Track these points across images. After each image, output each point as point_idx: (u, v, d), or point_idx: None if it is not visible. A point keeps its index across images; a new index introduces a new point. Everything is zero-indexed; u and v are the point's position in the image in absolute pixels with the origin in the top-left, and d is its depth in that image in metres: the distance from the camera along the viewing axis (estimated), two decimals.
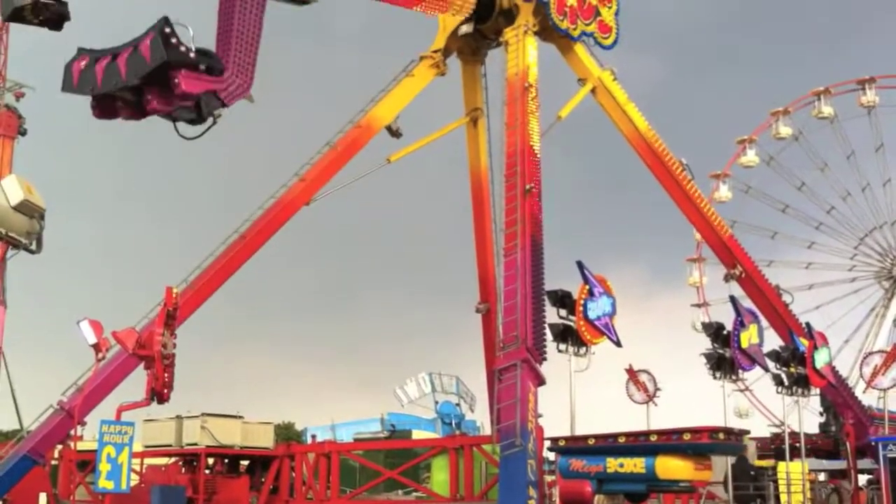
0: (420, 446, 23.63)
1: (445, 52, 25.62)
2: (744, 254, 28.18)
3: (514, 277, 20.67)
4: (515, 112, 23.12)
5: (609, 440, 18.55)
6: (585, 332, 20.92)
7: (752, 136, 63.66)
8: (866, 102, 63.37)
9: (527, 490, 17.79)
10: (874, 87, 63.56)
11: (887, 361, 28.67)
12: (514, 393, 18.75)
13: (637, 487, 18.20)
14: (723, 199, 62.61)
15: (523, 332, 19.66)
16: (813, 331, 27.17)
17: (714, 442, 17.78)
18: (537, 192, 22.25)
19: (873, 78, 64.07)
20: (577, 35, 25.79)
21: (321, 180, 23.57)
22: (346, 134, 24.11)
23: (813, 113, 63.35)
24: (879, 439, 26.38)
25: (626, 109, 26.51)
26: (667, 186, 27.29)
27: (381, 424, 44.97)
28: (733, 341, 23.81)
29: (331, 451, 22.81)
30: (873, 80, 63.91)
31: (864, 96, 63.37)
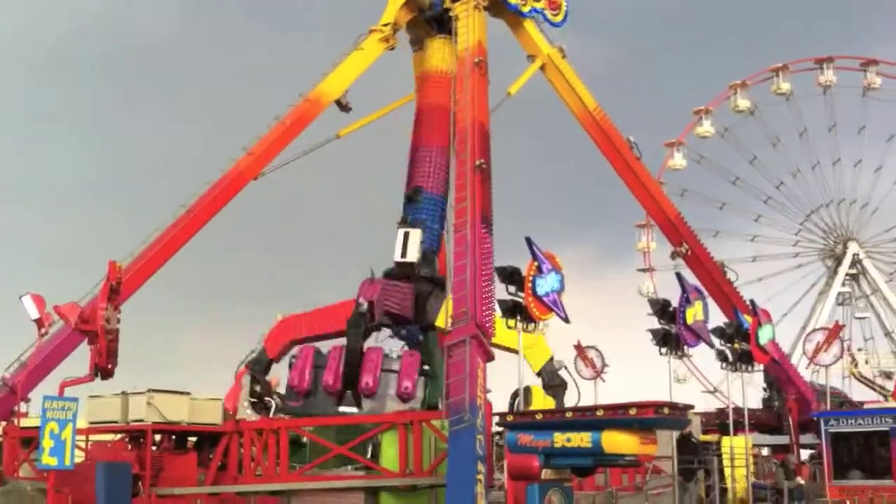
0: (370, 422, 23.59)
1: (395, 25, 25.44)
2: (690, 232, 28.55)
3: (464, 253, 20.70)
4: (465, 88, 23.06)
5: (556, 415, 18.72)
6: (534, 308, 21.03)
7: (709, 107, 64.42)
8: (823, 82, 64.36)
9: (475, 465, 17.90)
10: (832, 67, 64.59)
11: (829, 338, 29.36)
12: (464, 368, 18.82)
13: (584, 462, 18.36)
14: (677, 167, 63.42)
15: (472, 309, 19.71)
16: (757, 308, 27.64)
17: (659, 417, 17.97)
18: (487, 169, 22.25)
19: (831, 58, 65.09)
20: (526, 11, 25.82)
21: (269, 155, 23.37)
22: (295, 108, 23.91)
23: (771, 89, 64.25)
24: (821, 414, 27.02)
25: (574, 87, 26.64)
26: (615, 164, 27.52)
27: None
28: (679, 318, 24.12)
29: (280, 428, 22.69)
30: (831, 59, 64.94)
31: (821, 76, 64.35)
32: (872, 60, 65.38)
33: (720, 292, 28.15)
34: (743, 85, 64.64)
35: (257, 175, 23.18)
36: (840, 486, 25.25)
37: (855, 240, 66.36)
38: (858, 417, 26.58)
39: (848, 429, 26.02)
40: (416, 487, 20.67)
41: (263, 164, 23.33)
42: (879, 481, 24.89)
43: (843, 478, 25.54)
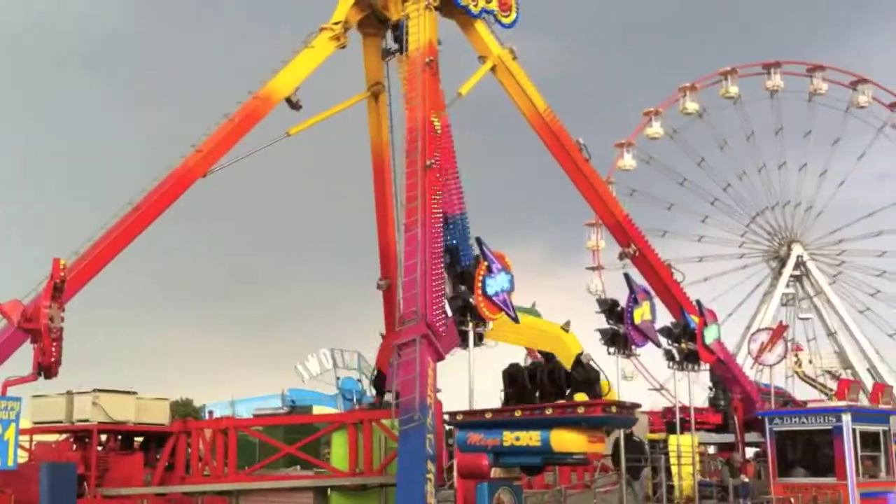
0: (319, 421, 23.52)
1: (346, 23, 25.35)
2: (638, 233, 28.86)
3: (414, 253, 20.71)
4: (416, 87, 23.07)
5: (506, 414, 18.82)
6: (484, 307, 21.12)
7: (659, 109, 65.20)
8: (771, 86, 65.46)
9: (425, 464, 17.93)
10: (779, 72, 65.72)
11: (773, 339, 29.87)
12: (414, 368, 18.84)
13: (532, 460, 18.53)
14: (626, 168, 64.11)
15: (423, 308, 19.73)
16: (703, 308, 28.06)
17: (607, 415, 18.19)
18: (437, 168, 22.28)
19: (779, 63, 66.25)
20: (477, 12, 25.89)
21: (218, 152, 23.08)
22: (245, 105, 23.65)
23: (720, 92, 65.21)
24: (766, 413, 27.49)
25: (524, 88, 26.76)
26: (564, 165, 27.71)
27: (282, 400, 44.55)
28: (627, 318, 24.38)
29: (228, 427, 22.53)
30: (779, 64, 66.09)
31: (769, 80, 65.45)
32: (819, 66, 66.66)
33: (667, 293, 28.48)
34: (692, 88, 65.53)
35: (206, 173, 22.90)
36: (784, 484, 25.72)
37: (799, 242, 67.63)
38: (802, 416, 27.08)
39: (792, 427, 26.52)
40: (366, 487, 20.66)
41: (212, 161, 23.03)
42: (822, 479, 25.39)
43: (787, 475, 26.02)
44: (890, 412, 29.73)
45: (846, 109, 66.78)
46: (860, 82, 66.56)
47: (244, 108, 23.61)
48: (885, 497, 26.37)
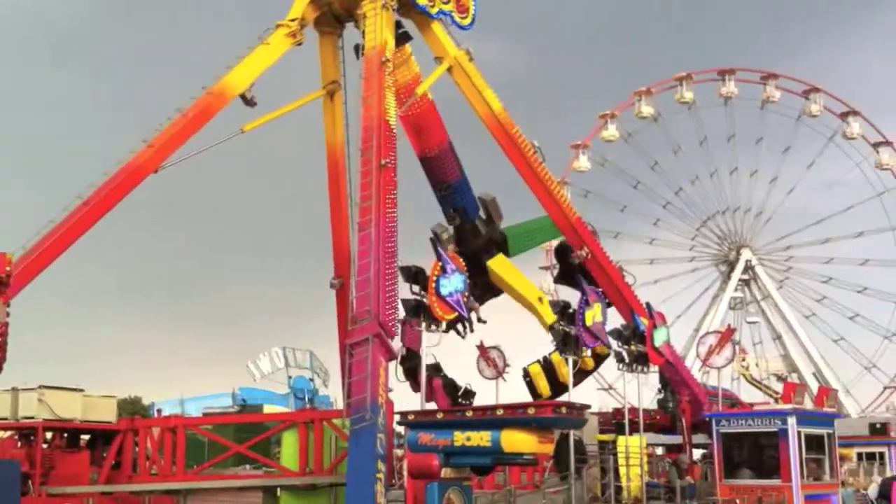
0: (269, 420, 23.38)
1: (303, 20, 25.22)
2: (590, 236, 29.08)
3: (368, 252, 20.66)
4: (372, 86, 23.03)
5: (457, 414, 18.87)
6: (437, 308, 21.17)
7: (615, 112, 65.87)
8: (725, 93, 66.49)
9: (375, 464, 17.90)
10: (734, 78, 66.75)
11: (721, 342, 30.26)
12: (366, 367, 18.80)
13: (483, 460, 18.59)
14: (581, 169, 64.74)
15: (376, 307, 19.70)
16: (653, 310, 28.38)
17: (557, 416, 18.31)
18: (392, 168, 22.26)
19: (733, 70, 67.38)
20: (434, 13, 25.89)
21: (170, 147, 22.80)
22: (198, 101, 23.38)
23: (675, 97, 66.22)
24: (713, 415, 27.87)
25: (481, 90, 26.84)
26: (519, 167, 27.82)
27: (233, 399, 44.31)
28: (578, 319, 24.59)
29: (177, 426, 22.29)
30: (733, 71, 67.21)
31: (723, 87, 66.46)
32: (772, 74, 67.87)
33: (618, 295, 28.74)
34: (648, 92, 66.39)
35: (157, 168, 22.63)
36: (730, 486, 26.10)
37: (748, 247, 68.83)
38: (748, 418, 27.51)
39: (738, 429, 26.94)
40: (316, 486, 20.56)
41: (164, 156, 22.74)
42: (768, 481, 25.82)
43: (733, 477, 26.41)
44: (834, 415, 30.34)
45: (798, 118, 68.17)
46: (812, 91, 67.90)
47: (197, 103, 23.36)
48: (828, 499, 26.91)
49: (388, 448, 19.12)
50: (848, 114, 67.78)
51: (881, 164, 67.75)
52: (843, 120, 67.98)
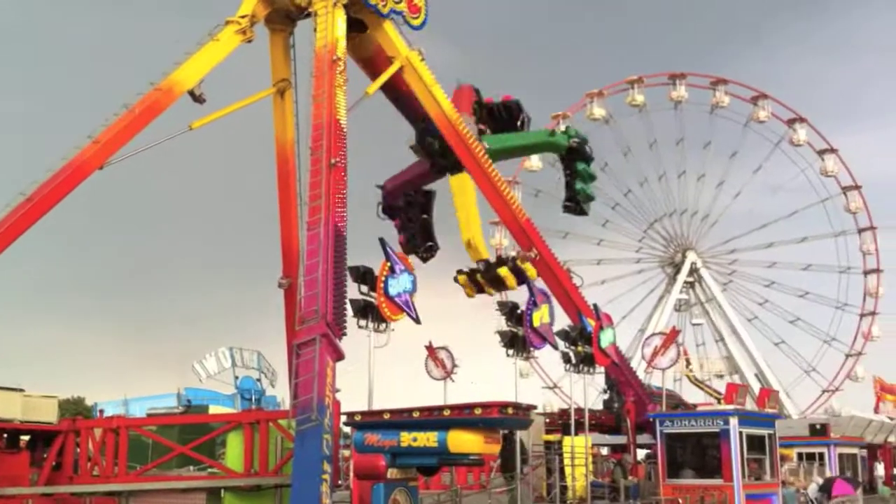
0: (214, 421, 23.15)
1: (253, 17, 25.02)
2: (539, 237, 29.28)
3: (317, 252, 20.56)
4: (322, 85, 22.93)
5: (404, 415, 18.84)
6: (386, 308, 21.17)
7: (567, 113, 66.34)
8: (675, 97, 67.31)
9: (321, 465, 17.82)
10: (684, 83, 67.58)
11: (666, 343, 30.67)
12: (312, 367, 18.70)
13: (429, 461, 18.58)
14: (533, 168, 65.05)
15: (323, 307, 19.61)
16: (600, 312, 28.67)
17: (503, 416, 18.38)
18: (342, 167, 22.20)
19: (684, 74, 68.20)
20: (386, 12, 25.87)
21: (116, 143, 22.46)
22: (146, 96, 23.08)
23: (626, 100, 66.83)
24: (657, 416, 28.22)
25: (432, 90, 26.90)
26: (469, 168, 27.95)
27: (178, 400, 43.81)
28: (526, 320, 24.75)
29: (119, 427, 21.95)
30: (684, 76, 68.06)
31: (674, 91, 67.27)
32: (722, 80, 68.84)
33: (566, 296, 28.99)
34: (600, 94, 67.01)
35: (103, 164, 22.28)
36: (673, 485, 26.43)
37: (693, 249, 69.70)
38: (691, 419, 27.91)
39: (681, 430, 27.30)
40: (261, 487, 20.40)
41: (109, 153, 22.41)
42: (710, 480, 26.19)
43: (675, 477, 26.76)
44: (775, 416, 30.94)
45: (746, 123, 69.21)
46: (761, 98, 69.00)
47: (145, 99, 23.06)
48: (769, 499, 27.37)
49: (335, 449, 19.04)
50: (795, 120, 68.98)
51: (826, 171, 69.05)
52: (790, 126, 69.18)
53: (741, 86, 69.35)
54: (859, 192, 69.01)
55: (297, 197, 26.47)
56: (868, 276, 69.24)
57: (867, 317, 68.95)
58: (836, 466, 37.54)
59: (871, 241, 69.00)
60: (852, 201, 69.09)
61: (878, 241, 68.95)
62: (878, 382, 64.59)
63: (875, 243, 68.90)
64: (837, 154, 69.33)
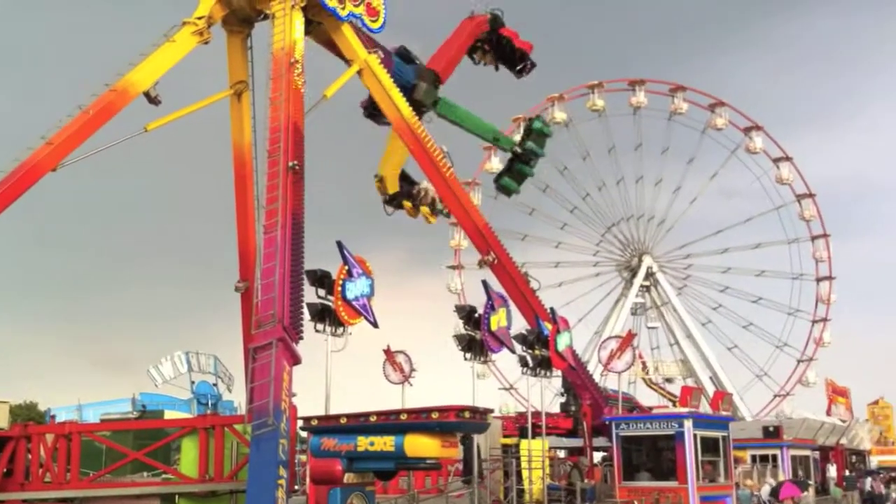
0: (169, 426, 22.88)
1: (210, 19, 24.82)
2: (497, 241, 29.38)
3: (274, 255, 20.45)
4: (280, 87, 22.81)
5: (361, 419, 18.81)
6: (343, 312, 21.11)
7: (527, 116, 66.58)
8: (635, 103, 67.91)
9: (277, 470, 17.71)
10: (643, 89, 68.21)
11: (622, 346, 30.90)
12: (269, 372, 18.59)
13: (386, 465, 18.58)
14: (493, 170, 65.27)
15: (280, 311, 19.50)
16: (556, 315, 28.82)
17: (460, 420, 18.43)
18: (300, 170, 22.10)
19: (643, 80, 68.80)
20: (344, 15, 25.79)
21: (70, 145, 22.18)
22: (100, 98, 22.82)
23: (587, 104, 67.17)
24: (613, 419, 28.44)
25: (390, 94, 26.88)
26: (427, 172, 27.98)
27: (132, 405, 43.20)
28: (483, 324, 24.81)
29: (72, 432, 21.63)
30: (643, 82, 68.61)
31: (633, 97, 67.87)
32: (680, 87, 69.58)
33: (523, 300, 29.12)
34: (560, 98, 67.36)
35: (56, 166, 21.98)
36: (629, 487, 26.65)
37: (649, 254, 70.33)
38: (647, 422, 28.18)
39: (637, 432, 27.54)
40: (216, 493, 20.22)
41: (63, 154, 22.12)
42: (665, 483, 26.45)
43: (631, 479, 26.98)
44: (729, 419, 31.29)
45: (703, 130, 69.99)
46: (718, 105, 69.88)
47: (100, 100, 22.80)
48: (723, 500, 27.71)
49: (291, 454, 18.94)
50: (751, 129, 69.93)
51: (781, 179, 70.06)
52: (747, 134, 70.10)
53: (699, 93, 70.24)
54: (813, 201, 70.11)
55: (254, 200, 26.28)
56: (820, 283, 70.29)
57: (819, 323, 69.98)
58: (788, 468, 38.10)
59: (823, 248, 70.10)
60: (806, 209, 70.15)
61: (830, 249, 70.03)
62: (830, 385, 65.68)
63: (828, 251, 70.00)
64: (792, 162, 70.42)
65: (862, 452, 54.20)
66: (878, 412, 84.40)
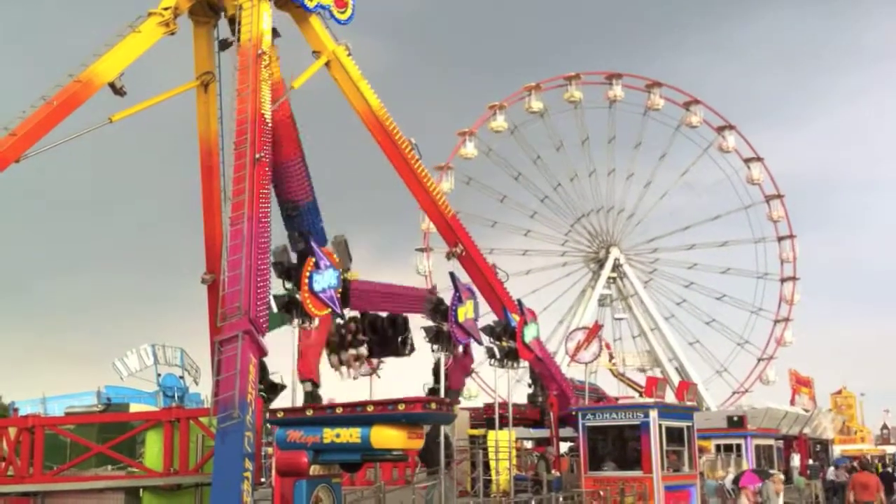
0: (134, 419, 22.72)
1: (177, 10, 24.66)
2: (465, 233, 29.49)
3: (240, 247, 20.38)
4: (247, 79, 22.71)
5: (327, 411, 18.80)
6: (310, 304, 21.07)
7: (504, 103, 66.88)
8: (612, 96, 68.39)
9: (242, 462, 17.68)
10: (621, 83, 68.58)
11: (589, 337, 31.18)
12: (235, 364, 18.55)
13: (352, 457, 18.53)
14: (468, 156, 66.68)
15: (246, 303, 19.45)
16: (524, 307, 28.99)
17: (427, 412, 18.46)
18: (267, 162, 22.03)
19: (621, 74, 69.12)
20: (312, 6, 25.74)
21: (34, 136, 21.99)
22: (64, 88, 22.64)
23: (564, 95, 67.55)
24: (579, 409, 28.66)
25: (359, 86, 26.85)
26: (396, 165, 27.98)
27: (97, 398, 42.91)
28: (451, 316, 24.89)
29: (34, 426, 21.43)
30: (620, 76, 68.96)
31: (610, 90, 68.37)
32: (657, 83, 70.03)
33: (491, 291, 29.26)
34: (538, 87, 67.61)
35: (19, 157, 21.77)
36: (594, 477, 26.85)
37: (617, 246, 70.80)
38: (613, 412, 28.40)
39: (603, 423, 27.76)
40: (181, 486, 20.15)
41: (27, 145, 21.95)
42: (630, 472, 26.68)
43: (597, 469, 27.19)
44: (694, 409, 31.65)
45: (677, 127, 70.54)
46: (693, 103, 70.45)
47: (64, 91, 22.62)
48: (687, 490, 28.03)
49: (257, 446, 18.91)
50: (724, 128, 70.54)
51: (752, 179, 70.78)
52: (720, 133, 70.70)
53: (676, 90, 70.66)
54: (781, 202, 70.89)
55: (220, 192, 26.21)
56: (784, 284, 71.12)
57: (781, 323, 70.80)
58: (752, 458, 38.62)
59: (790, 249, 70.94)
60: (775, 210, 70.96)
61: (796, 250, 70.83)
62: (794, 375, 66.60)
63: (794, 252, 70.79)
64: (763, 163, 71.12)
65: (825, 442, 55.06)
66: (842, 402, 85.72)
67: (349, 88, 27.09)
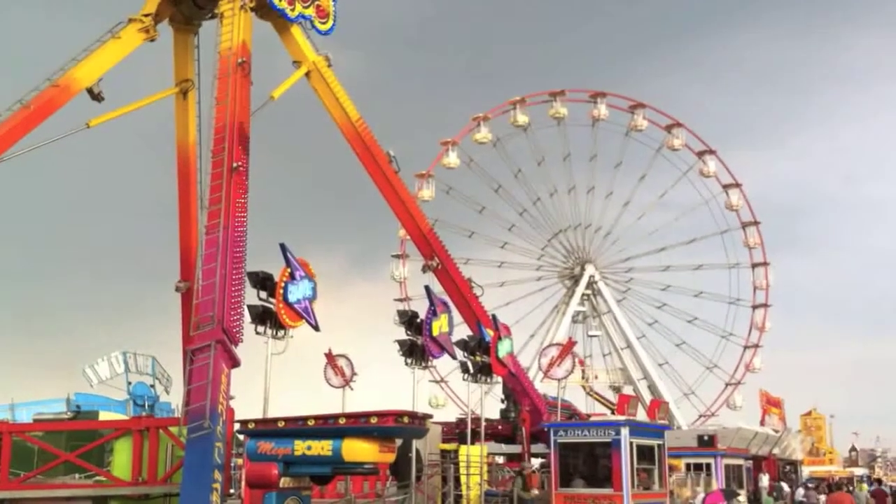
0: (103, 428, 22.48)
1: (157, 16, 24.59)
2: (441, 247, 29.52)
3: (215, 256, 20.29)
4: (226, 87, 22.66)
5: (299, 423, 18.72)
6: (285, 315, 20.99)
7: (488, 115, 67.04)
8: (595, 115, 68.58)
9: (212, 473, 17.56)
10: (605, 102, 68.83)
11: (562, 354, 31.18)
12: (207, 374, 18.43)
13: (323, 470, 18.49)
14: (450, 165, 65.66)
15: (220, 313, 19.36)
16: (498, 322, 29.01)
17: (399, 425, 18.44)
18: (244, 171, 21.96)
19: (605, 94, 69.34)
20: (293, 16, 25.75)
21: (10, 139, 21.85)
22: (42, 93, 22.51)
23: (549, 111, 67.71)
24: (551, 425, 28.61)
25: (338, 97, 26.88)
26: (373, 176, 28.00)
27: (67, 405, 42.43)
28: (425, 329, 24.87)
29: (2, 432, 21.17)
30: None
31: (594, 109, 68.63)
32: (641, 104, 70.34)
33: (466, 306, 29.28)
34: (522, 101, 67.84)
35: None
36: (565, 494, 26.78)
37: (593, 263, 70.92)
38: (584, 429, 28.33)
39: (575, 440, 27.71)
40: (150, 496, 19.96)
41: (4, 148, 21.80)
42: (600, 490, 26.62)
43: (568, 486, 27.12)
44: (665, 427, 31.72)
45: (658, 149, 70.78)
46: (676, 126, 70.68)
47: (41, 95, 22.49)
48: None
49: (227, 457, 18.78)
50: (704, 152, 70.87)
51: (730, 205, 71.09)
52: (700, 158, 71.01)
53: (659, 112, 70.95)
54: (757, 229, 71.18)
55: (197, 200, 26.09)
56: (756, 310, 71.31)
57: (751, 349, 71.02)
58: (722, 477, 38.71)
59: (763, 276, 71.20)
60: (751, 236, 71.23)
61: (769, 278, 71.16)
62: (764, 396, 66.90)
63: (766, 279, 71.09)
64: (741, 189, 71.46)
65: (794, 462, 55.34)
66: (811, 423, 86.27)
67: (329, 99, 27.11)
